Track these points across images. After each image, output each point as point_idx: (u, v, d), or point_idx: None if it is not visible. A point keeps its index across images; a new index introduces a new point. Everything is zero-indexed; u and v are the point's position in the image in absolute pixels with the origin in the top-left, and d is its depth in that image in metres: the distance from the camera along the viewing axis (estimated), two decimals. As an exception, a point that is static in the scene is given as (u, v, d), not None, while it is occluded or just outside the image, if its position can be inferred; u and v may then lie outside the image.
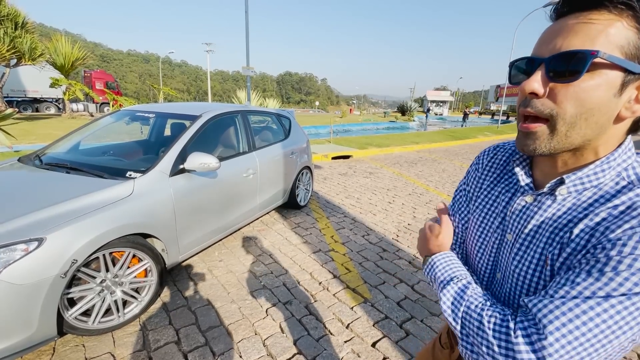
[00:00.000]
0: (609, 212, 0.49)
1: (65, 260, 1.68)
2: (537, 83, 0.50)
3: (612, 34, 0.45)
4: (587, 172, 0.53)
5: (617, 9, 0.45)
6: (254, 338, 2.04)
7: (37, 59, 12.45)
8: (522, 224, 0.60)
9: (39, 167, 2.40)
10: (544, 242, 0.55)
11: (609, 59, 0.45)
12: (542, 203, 0.58)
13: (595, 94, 0.47)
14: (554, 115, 0.50)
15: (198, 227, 2.60)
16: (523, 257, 0.58)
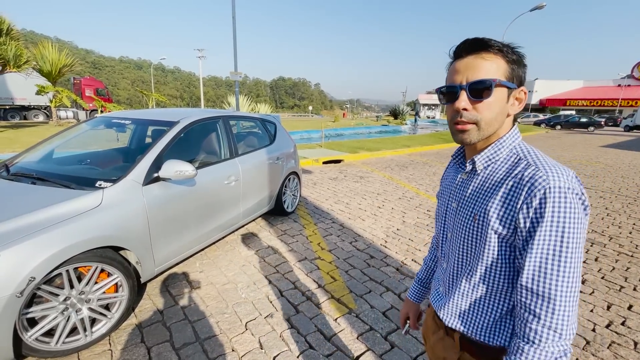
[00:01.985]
0: (514, 180, 0.72)
1: (22, 279, 1.57)
2: (465, 102, 0.75)
3: (497, 66, 0.73)
4: (489, 151, 0.79)
5: (495, 51, 0.74)
6: (231, 355, 1.93)
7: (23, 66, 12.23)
8: (461, 193, 0.85)
9: (5, 178, 2.28)
10: (473, 204, 0.80)
11: (501, 82, 0.73)
12: (471, 178, 0.83)
13: (497, 104, 0.75)
14: (479, 120, 0.76)
15: (175, 237, 2.49)
16: (461, 217, 0.82)
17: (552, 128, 28.38)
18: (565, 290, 0.65)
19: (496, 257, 0.74)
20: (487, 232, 0.74)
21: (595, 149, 13.81)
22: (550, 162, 0.71)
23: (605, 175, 7.80)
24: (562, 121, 28.65)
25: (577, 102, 45.85)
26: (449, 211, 0.88)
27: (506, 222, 0.71)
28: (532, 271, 0.67)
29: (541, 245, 0.66)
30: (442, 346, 0.91)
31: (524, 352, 0.67)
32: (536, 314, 0.67)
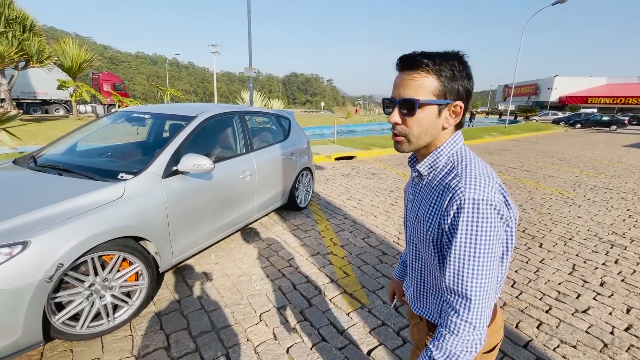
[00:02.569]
0: (442, 188, 0.79)
1: (51, 265, 1.65)
2: (396, 117, 0.81)
3: (426, 85, 0.77)
4: (428, 160, 0.85)
5: (425, 69, 0.77)
6: (246, 345, 1.98)
7: (45, 62, 12.62)
8: (413, 196, 0.93)
9: (33, 169, 2.38)
10: (418, 206, 0.87)
11: (425, 101, 0.77)
12: (419, 181, 0.91)
13: (426, 120, 0.80)
14: (407, 134, 0.82)
15: (192, 229, 2.56)
16: (411, 217, 0.90)
17: (572, 127, 27.51)
18: (478, 291, 0.74)
19: (433, 254, 0.84)
20: (425, 231, 0.82)
21: (617, 149, 13.33)
22: (477, 172, 0.76)
23: (628, 176, 7.54)
24: (582, 119, 27.73)
25: (599, 99, 44.24)
26: (407, 211, 0.98)
27: (434, 225, 0.80)
28: (451, 273, 0.76)
29: (457, 250, 0.74)
30: (417, 329, 1.03)
31: (445, 339, 0.76)
32: (456, 309, 0.76)
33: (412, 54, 0.78)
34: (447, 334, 0.76)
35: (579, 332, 2.21)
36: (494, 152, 11.20)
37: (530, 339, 2.12)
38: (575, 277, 2.92)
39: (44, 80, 19.38)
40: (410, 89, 0.77)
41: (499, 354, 1.97)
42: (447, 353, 0.75)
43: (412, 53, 0.79)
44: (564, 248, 3.53)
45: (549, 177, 7.30)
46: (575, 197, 5.65)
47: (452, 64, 0.77)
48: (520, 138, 16.90)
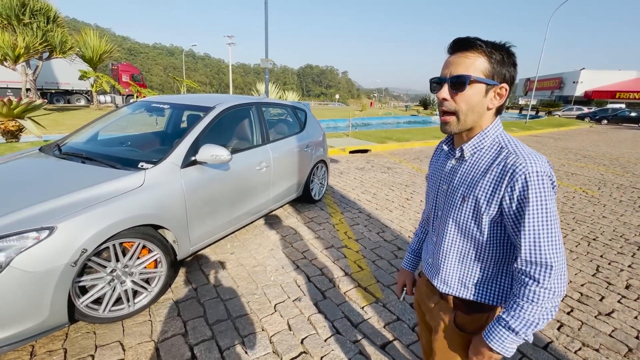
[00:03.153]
0: (498, 167, 0.84)
1: (76, 249, 1.70)
2: (445, 92, 0.86)
3: (477, 64, 0.83)
4: (474, 140, 0.90)
5: (478, 50, 0.83)
6: (261, 334, 2.00)
7: (68, 52, 12.95)
8: (451, 177, 0.96)
9: (57, 156, 2.45)
10: (463, 187, 0.91)
11: (476, 79, 0.83)
12: (460, 164, 0.94)
13: (473, 97, 0.85)
14: (456, 111, 0.87)
15: (209, 219, 2.59)
16: (452, 198, 0.94)
17: (598, 122, 26.37)
18: (557, 257, 0.78)
19: (483, 232, 0.88)
20: (475, 211, 0.87)
21: (646, 146, 12.71)
22: (527, 150, 0.83)
23: (657, 175, 7.19)
24: (609, 115, 26.54)
25: (628, 94, 42.11)
26: (440, 192, 1.00)
27: (491, 203, 0.84)
28: (528, 246, 0.80)
29: (532, 221, 0.78)
30: (439, 308, 1.04)
31: (523, 309, 0.80)
32: (535, 278, 0.79)
33: (467, 37, 0.85)
34: (525, 303, 0.80)
35: (602, 335, 2.13)
36: (514, 148, 10.85)
37: (550, 340, 2.06)
38: (599, 278, 2.82)
39: (66, 70, 19.93)
40: (462, 66, 0.83)
41: (517, 354, 1.93)
42: (526, 321, 0.80)
43: (466, 37, 0.85)
44: (588, 248, 3.40)
45: (572, 174, 7.03)
46: (600, 196, 5.43)
47: (502, 51, 0.84)
48: (542, 134, 16.32)
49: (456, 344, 0.98)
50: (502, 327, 0.82)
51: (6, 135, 5.90)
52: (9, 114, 5.66)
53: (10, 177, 2.16)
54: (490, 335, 0.84)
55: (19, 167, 2.34)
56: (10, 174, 2.22)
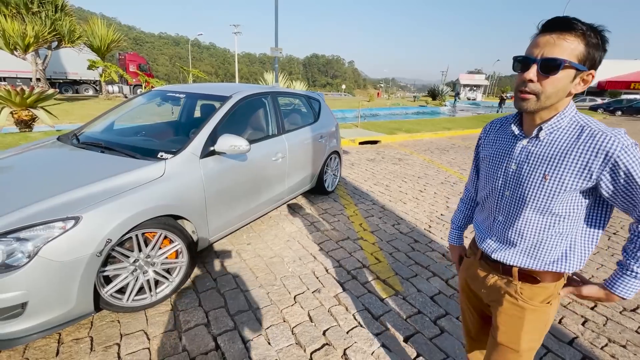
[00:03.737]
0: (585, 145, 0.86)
1: (101, 239, 1.69)
2: (533, 74, 0.84)
3: (573, 48, 0.80)
4: (554, 121, 0.91)
5: (578, 33, 0.80)
6: (283, 325, 2.00)
7: (76, 41, 12.92)
8: (524, 157, 0.96)
9: (76, 146, 2.44)
10: (543, 165, 0.91)
11: (571, 64, 0.81)
12: (534, 144, 0.94)
13: (561, 81, 0.84)
14: (539, 93, 0.86)
15: (227, 210, 2.57)
16: (526, 177, 0.94)
17: (612, 114, 25.77)
18: None
19: (564, 207, 0.91)
20: (558, 188, 0.89)
21: (663, 139, 12.38)
22: (608, 127, 0.86)
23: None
24: (623, 106, 25.91)
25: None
26: (508, 172, 1.00)
27: (579, 180, 0.86)
28: None
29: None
30: (500, 284, 1.06)
31: None
32: None
33: (568, 17, 0.81)
34: None
35: (628, 331, 2.09)
36: (526, 140, 10.68)
37: (575, 336, 2.03)
38: (622, 273, 2.76)
39: (74, 60, 19.94)
40: (558, 48, 0.81)
41: (542, 349, 1.90)
42: None
43: (566, 16, 0.82)
44: (608, 243, 3.33)
45: (587, 167, 6.89)
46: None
47: (598, 35, 0.81)
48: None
49: (522, 316, 1.02)
50: (628, 276, 0.89)
51: (20, 124, 5.94)
52: (22, 104, 5.68)
53: (32, 166, 2.16)
54: (616, 284, 0.91)
55: (40, 156, 2.34)
56: (32, 163, 2.22)
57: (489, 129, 1.14)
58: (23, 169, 2.11)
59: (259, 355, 1.77)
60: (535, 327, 1.03)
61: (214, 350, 1.79)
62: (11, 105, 5.70)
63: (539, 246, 0.98)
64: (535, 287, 1.01)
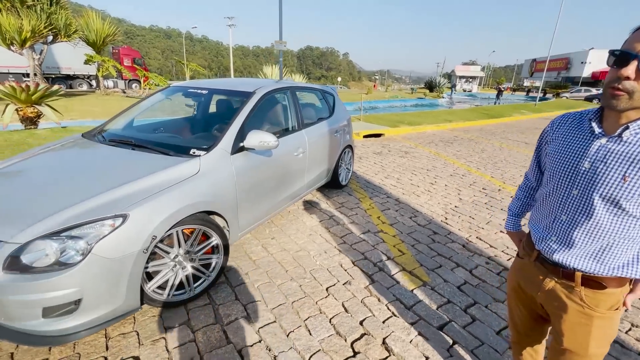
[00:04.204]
0: None
1: (147, 236, 1.72)
2: (631, 71, 0.79)
3: None
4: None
5: None
6: (320, 316, 2.06)
7: (72, 35, 12.67)
8: (600, 156, 0.92)
9: (106, 143, 2.44)
10: (624, 166, 0.87)
11: None
12: (616, 143, 0.90)
13: None
14: (633, 91, 0.81)
15: (255, 205, 2.60)
16: (604, 177, 0.90)
17: (606, 104, 25.96)
18: None
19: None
20: None
21: (659, 128, 12.57)
22: None
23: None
24: (617, 97, 26.10)
25: (636, 75, 41.28)
26: (578, 170, 0.95)
27: None
28: None
29: None
30: (561, 288, 1.04)
31: None
32: None
33: None
34: None
35: (649, 316, 2.18)
36: (526, 131, 10.80)
37: None
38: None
39: (67, 55, 19.54)
40: None
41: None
42: None
43: None
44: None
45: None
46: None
47: None
48: (552, 116, 16.12)
49: (589, 323, 0.99)
50: None
51: (25, 121, 5.85)
52: (28, 100, 5.60)
53: (68, 164, 2.16)
54: None
55: (73, 154, 2.34)
56: (67, 161, 2.22)
57: (558, 123, 1.08)
58: (60, 167, 2.12)
59: (302, 345, 1.83)
60: (604, 333, 1.01)
61: (258, 342, 1.84)
62: (16, 102, 5.61)
63: (608, 249, 0.94)
64: (599, 293, 0.97)
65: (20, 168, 2.13)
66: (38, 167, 2.14)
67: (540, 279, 1.10)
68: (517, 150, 7.61)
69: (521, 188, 1.33)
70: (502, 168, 5.90)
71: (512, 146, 8.07)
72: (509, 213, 1.37)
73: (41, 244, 1.52)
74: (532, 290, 1.14)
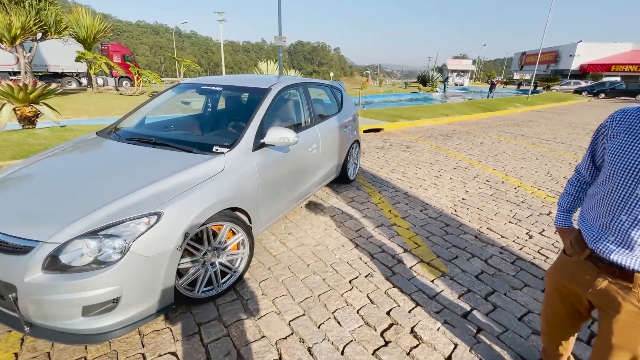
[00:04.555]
0: None
1: (180, 234, 1.73)
2: None
3: None
4: None
5: None
6: (348, 308, 2.10)
7: (63, 32, 12.35)
8: None
9: (123, 141, 2.43)
10: None
11: None
12: None
13: None
14: None
15: (274, 201, 2.62)
16: None
17: (595, 96, 26.50)
18: None
19: None
20: None
21: (648, 119, 12.89)
22: None
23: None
24: (606, 89, 26.66)
25: (623, 67, 42.16)
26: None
27: None
28: None
29: None
30: (616, 289, 1.02)
31: None
32: None
33: None
34: None
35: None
36: (522, 124, 10.96)
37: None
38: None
39: (55, 52, 19.03)
40: None
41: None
42: None
43: None
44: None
45: (585, 149, 7.16)
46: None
47: None
48: (545, 109, 16.40)
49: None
50: None
51: (23, 121, 5.72)
52: (25, 99, 5.47)
53: (92, 163, 2.15)
54: None
55: (94, 153, 2.32)
56: (89, 160, 2.21)
57: (619, 119, 1.03)
58: (85, 166, 2.10)
59: (334, 336, 1.87)
60: None
61: (291, 335, 1.88)
62: (14, 102, 5.48)
63: None
64: None
65: (42, 168, 2.11)
66: (61, 166, 2.12)
67: (591, 278, 1.09)
68: (515, 142, 7.74)
69: (572, 183, 1.30)
70: (502, 160, 6.01)
71: (509, 139, 8.20)
72: (559, 209, 1.34)
73: (79, 243, 1.52)
74: (580, 289, 1.14)
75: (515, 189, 4.46)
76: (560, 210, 1.33)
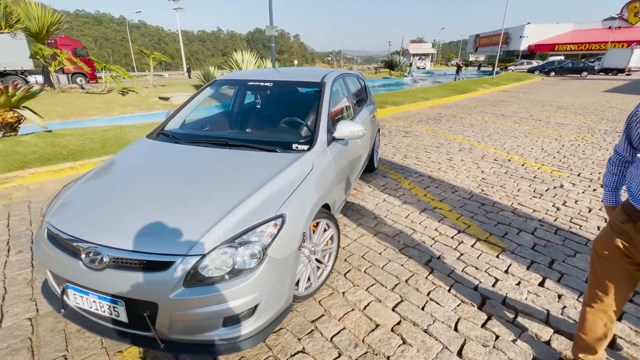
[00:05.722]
0: None
1: (300, 234, 1.73)
2: None
3: None
4: None
5: None
6: (439, 289, 2.22)
7: (15, 26, 10.98)
8: None
9: (186, 144, 2.32)
10: None
11: None
12: None
13: None
14: None
15: (340, 192, 2.65)
16: None
17: (547, 75, 28.66)
18: None
19: None
20: None
21: (600, 95, 14.27)
22: None
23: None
24: (555, 67, 28.90)
25: (565, 46, 45.77)
26: None
27: None
28: None
29: None
30: None
31: None
32: None
33: None
34: None
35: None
36: (496, 104, 11.64)
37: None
38: None
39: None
40: None
41: None
42: None
43: None
44: (625, 186, 3.98)
45: (561, 125, 7.82)
46: (597, 141, 6.18)
47: None
48: (510, 89, 17.52)
49: None
50: None
51: (5, 128, 5.12)
52: (7, 104, 4.88)
53: (179, 169, 2.01)
54: None
55: (170, 158, 2.17)
56: (174, 166, 2.06)
57: None
58: (174, 173, 1.97)
59: (442, 316, 1.98)
60: None
61: (403, 320, 1.96)
62: (-8, 107, 4.87)
63: None
64: None
65: (127, 178, 1.97)
66: (147, 174, 1.98)
67: None
68: (500, 122, 8.24)
69: (614, 163, 1.41)
70: (498, 140, 6.41)
71: (493, 119, 8.72)
72: (606, 189, 1.45)
73: (218, 252, 1.48)
74: (636, 251, 1.23)
75: (523, 166, 4.81)
76: (608, 190, 1.43)
